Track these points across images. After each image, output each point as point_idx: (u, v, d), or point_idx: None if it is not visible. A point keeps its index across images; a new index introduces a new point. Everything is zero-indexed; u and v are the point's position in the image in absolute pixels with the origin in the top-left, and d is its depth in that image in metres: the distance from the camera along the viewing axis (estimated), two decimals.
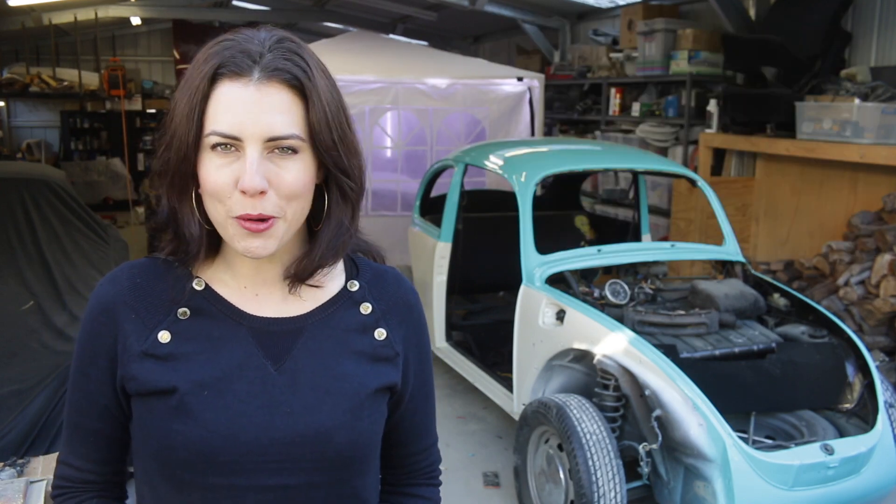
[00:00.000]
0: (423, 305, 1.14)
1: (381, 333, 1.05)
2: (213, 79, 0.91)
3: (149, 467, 0.99)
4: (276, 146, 0.90)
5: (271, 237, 0.93)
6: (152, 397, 0.96)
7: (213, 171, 0.91)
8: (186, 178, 0.93)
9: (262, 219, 0.90)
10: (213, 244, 1.00)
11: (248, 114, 0.89)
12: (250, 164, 0.89)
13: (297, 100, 0.92)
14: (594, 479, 2.63)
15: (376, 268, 1.11)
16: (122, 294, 1.00)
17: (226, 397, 0.96)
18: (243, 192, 0.89)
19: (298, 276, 0.99)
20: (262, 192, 0.89)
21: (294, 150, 0.91)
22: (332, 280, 1.05)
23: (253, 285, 1.02)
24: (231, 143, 0.90)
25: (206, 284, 1.01)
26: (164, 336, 0.97)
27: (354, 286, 1.06)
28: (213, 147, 0.90)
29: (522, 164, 3.84)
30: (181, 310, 0.99)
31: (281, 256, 1.00)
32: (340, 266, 1.07)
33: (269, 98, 0.90)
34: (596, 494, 2.61)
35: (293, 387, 0.98)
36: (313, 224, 1.01)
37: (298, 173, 0.92)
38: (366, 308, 1.05)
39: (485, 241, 4.44)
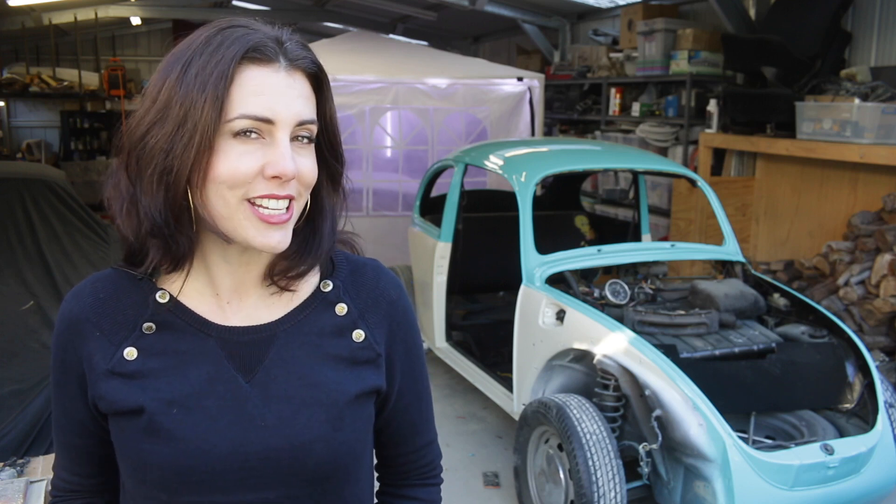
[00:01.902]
0: (411, 299, 1.11)
1: (359, 335, 1.00)
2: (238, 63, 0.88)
3: (127, 484, 0.97)
4: (301, 132, 0.89)
5: (289, 228, 0.90)
6: (122, 417, 0.93)
7: (235, 159, 0.86)
8: (203, 170, 0.86)
9: (287, 197, 0.88)
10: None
11: (280, 97, 0.87)
12: (286, 149, 0.87)
13: (313, 90, 0.92)
14: (594, 479, 2.63)
15: (355, 262, 1.05)
16: (84, 310, 0.96)
17: (195, 414, 0.92)
18: (275, 178, 0.86)
19: (287, 274, 0.96)
20: (293, 178, 0.88)
21: (310, 139, 0.91)
22: (305, 282, 1.00)
23: (227, 292, 0.97)
24: (258, 129, 0.86)
25: (171, 296, 0.96)
26: (129, 353, 0.93)
27: (328, 286, 1.01)
28: (236, 134, 0.86)
29: (522, 164, 3.84)
30: (146, 324, 0.94)
31: (259, 257, 0.96)
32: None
33: (296, 84, 0.89)
34: (596, 494, 2.61)
35: (266, 399, 0.94)
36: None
37: (313, 162, 0.92)
38: (341, 309, 1.00)
39: (485, 241, 4.43)
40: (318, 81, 0.93)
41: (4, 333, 3.27)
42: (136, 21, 12.10)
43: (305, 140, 0.90)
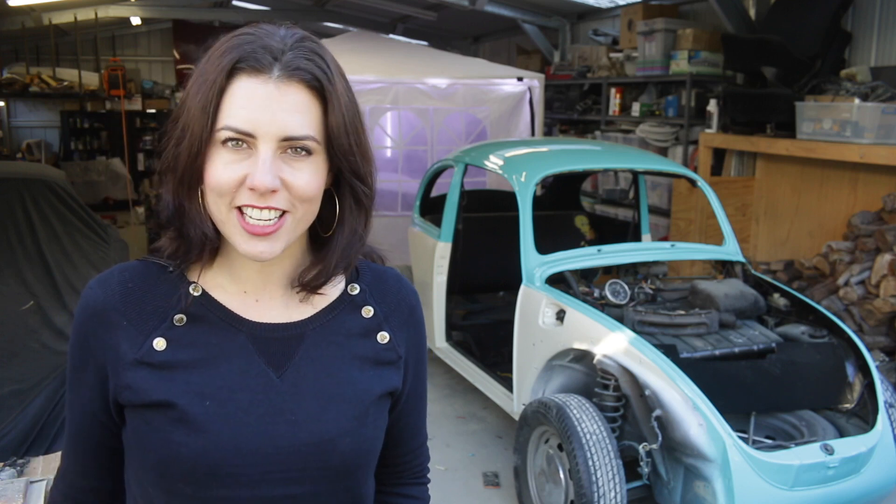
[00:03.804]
0: (422, 305, 1.13)
1: (383, 337, 1.03)
2: (231, 73, 0.88)
3: (146, 479, 0.95)
4: (290, 146, 0.88)
5: (278, 239, 0.90)
6: (150, 409, 0.93)
7: (221, 168, 0.88)
8: (197, 175, 0.90)
9: (272, 209, 0.88)
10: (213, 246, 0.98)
11: (265, 111, 0.86)
12: (263, 162, 0.86)
13: (316, 102, 0.89)
14: (594, 479, 2.63)
15: (376, 269, 1.09)
16: (112, 299, 0.96)
17: (228, 407, 0.93)
18: (252, 190, 0.87)
19: (310, 284, 0.97)
20: (274, 192, 0.87)
21: (308, 152, 0.89)
22: (333, 286, 1.02)
23: (254, 290, 0.99)
24: (243, 140, 0.87)
25: (204, 290, 0.97)
26: (159, 343, 0.94)
27: (355, 290, 1.04)
28: (224, 142, 0.87)
29: (522, 164, 3.84)
30: (177, 316, 0.95)
31: (282, 260, 0.97)
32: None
33: (287, 97, 0.87)
34: (596, 494, 2.61)
35: (296, 395, 0.95)
36: (320, 230, 0.98)
37: (311, 175, 0.90)
38: (368, 311, 1.03)
39: (485, 241, 4.43)
40: (323, 93, 0.89)
41: (4, 333, 3.28)
42: (136, 21, 12.09)
43: (302, 152, 0.89)
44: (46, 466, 2.30)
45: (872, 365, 2.95)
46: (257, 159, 0.87)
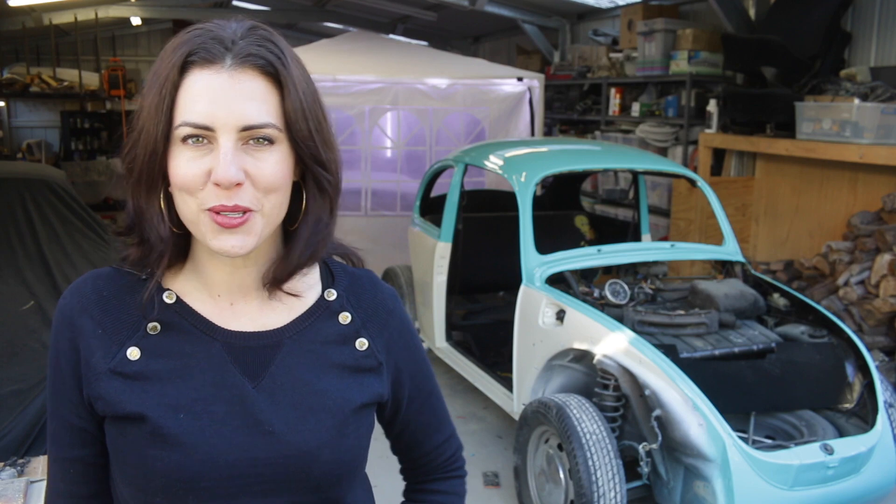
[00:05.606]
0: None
1: (362, 343, 1.00)
2: (184, 68, 0.85)
3: (125, 492, 0.93)
4: (252, 136, 0.85)
5: (249, 233, 0.86)
6: (124, 421, 0.90)
7: (184, 164, 0.85)
8: (155, 176, 0.87)
9: (238, 210, 0.85)
10: (181, 250, 0.95)
11: (220, 102, 0.84)
12: (224, 155, 0.83)
13: (272, 88, 0.87)
14: (594, 479, 2.63)
15: (352, 273, 1.06)
16: (86, 307, 0.94)
17: (203, 420, 0.90)
18: (217, 185, 0.84)
19: (277, 279, 0.94)
20: (238, 185, 0.84)
21: (270, 141, 0.86)
22: (309, 289, 1.00)
23: (228, 293, 0.96)
24: (203, 135, 0.84)
25: (178, 297, 0.95)
26: (132, 353, 0.91)
27: (332, 295, 1.01)
28: (185, 139, 0.85)
29: (522, 164, 3.84)
30: (151, 324, 0.93)
31: (256, 260, 0.95)
32: (316, 274, 1.02)
33: (242, 85, 0.85)
34: (596, 494, 2.61)
35: (273, 405, 0.93)
36: (288, 225, 0.95)
37: (276, 165, 0.87)
38: (345, 318, 1.00)
39: (485, 241, 4.43)
40: (278, 78, 0.87)
41: (4, 333, 3.27)
42: (136, 21, 12.11)
43: (265, 142, 0.86)
44: (47, 466, 2.30)
45: (872, 365, 2.95)
46: (219, 153, 0.84)
